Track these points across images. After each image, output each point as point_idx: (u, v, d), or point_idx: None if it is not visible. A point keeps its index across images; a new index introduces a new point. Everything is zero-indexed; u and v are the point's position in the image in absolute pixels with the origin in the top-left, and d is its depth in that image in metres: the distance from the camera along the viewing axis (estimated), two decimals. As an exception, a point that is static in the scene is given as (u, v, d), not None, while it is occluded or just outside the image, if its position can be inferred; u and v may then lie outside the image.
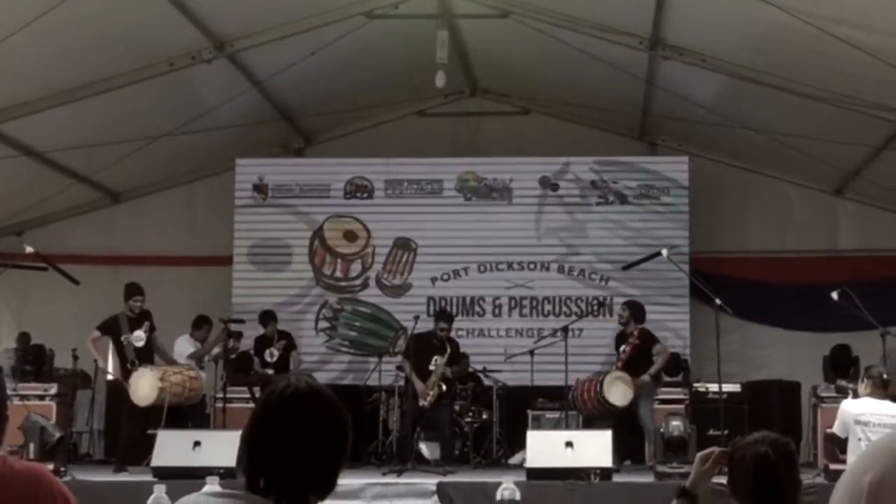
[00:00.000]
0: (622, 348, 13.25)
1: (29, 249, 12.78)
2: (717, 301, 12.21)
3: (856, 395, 10.59)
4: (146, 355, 12.77)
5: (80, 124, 13.51)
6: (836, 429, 9.88)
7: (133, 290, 12.92)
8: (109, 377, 13.67)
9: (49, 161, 14.49)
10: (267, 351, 14.23)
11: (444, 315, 13.99)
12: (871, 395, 9.90)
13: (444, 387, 13.27)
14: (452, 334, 13.80)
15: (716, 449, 4.04)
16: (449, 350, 13.43)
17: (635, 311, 13.44)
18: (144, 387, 12.28)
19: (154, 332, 12.98)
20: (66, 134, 13.62)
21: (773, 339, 15.78)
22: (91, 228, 16.57)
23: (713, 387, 13.00)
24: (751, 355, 15.52)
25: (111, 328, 12.83)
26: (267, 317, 14.48)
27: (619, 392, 12.61)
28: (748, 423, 12.78)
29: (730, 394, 13.23)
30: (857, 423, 9.67)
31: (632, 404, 12.72)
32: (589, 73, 14.07)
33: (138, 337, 12.70)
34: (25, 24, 10.50)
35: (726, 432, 12.16)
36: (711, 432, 12.52)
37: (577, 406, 13.08)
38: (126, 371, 12.62)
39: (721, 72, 12.82)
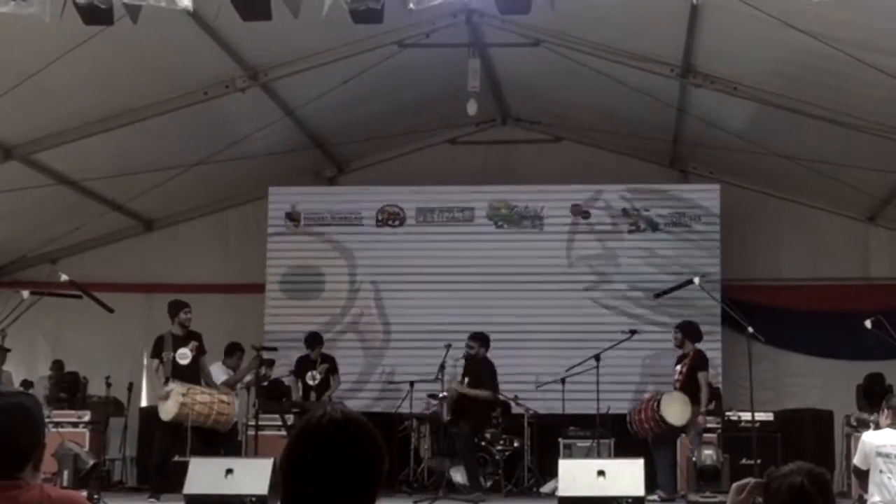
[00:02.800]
0: (677, 368, 13.08)
1: (64, 277, 12.85)
2: (750, 329, 12.15)
3: (878, 427, 10.37)
4: (188, 374, 12.58)
5: (115, 153, 13.63)
6: (857, 461, 9.69)
7: (179, 305, 12.84)
8: (142, 403, 13.69)
9: (83, 189, 14.63)
10: (309, 373, 14.20)
11: (472, 335, 13.92)
12: (892, 425, 9.61)
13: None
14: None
15: (751, 479, 4.03)
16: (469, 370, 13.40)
17: (687, 330, 13.26)
18: (169, 402, 12.25)
19: (203, 355, 12.82)
20: (101, 162, 13.75)
21: (806, 367, 15.69)
22: (125, 256, 16.68)
23: (746, 415, 12.92)
24: (783, 384, 15.45)
25: (158, 349, 12.72)
26: (314, 340, 14.44)
27: (675, 411, 12.47)
28: (781, 452, 12.72)
29: (762, 422, 13.14)
30: (879, 455, 9.43)
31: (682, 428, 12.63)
32: (620, 101, 14.10)
33: (182, 354, 12.55)
34: (62, 54, 10.62)
35: (759, 461, 12.07)
36: (744, 461, 12.44)
37: (633, 428, 12.94)
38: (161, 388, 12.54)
39: (752, 99, 12.82)
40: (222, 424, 12.66)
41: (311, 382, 14.15)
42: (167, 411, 12.23)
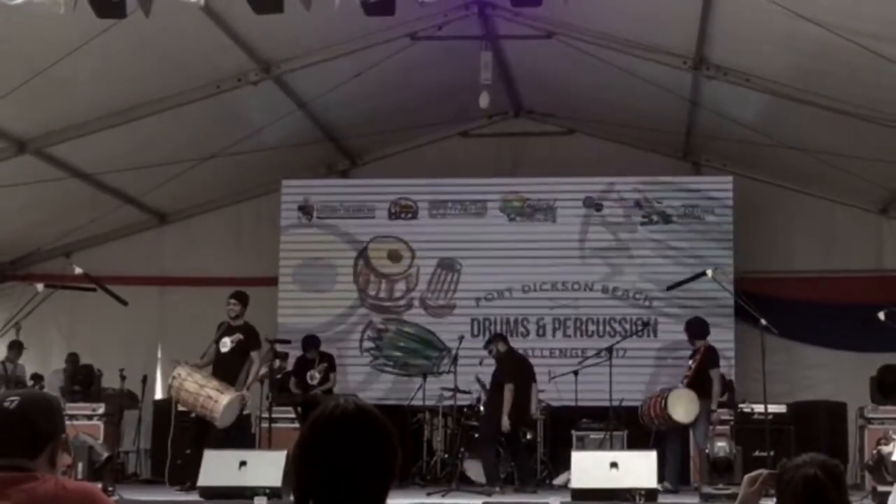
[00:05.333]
0: (690, 362, 13.03)
1: (78, 271, 12.90)
2: (763, 321, 12.14)
3: None
4: (226, 363, 12.64)
5: (129, 146, 13.66)
6: None
7: (231, 295, 12.96)
8: (157, 397, 13.71)
9: (97, 182, 14.67)
10: (309, 373, 14.23)
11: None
12: None
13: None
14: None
15: (764, 471, 4.03)
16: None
17: (691, 330, 13.24)
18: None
19: (255, 350, 12.78)
20: (115, 156, 13.78)
21: (819, 359, 15.67)
22: (139, 249, 16.72)
23: (759, 407, 12.91)
24: (796, 376, 15.42)
25: (216, 334, 12.86)
26: (309, 343, 14.46)
27: (682, 409, 12.47)
28: (794, 444, 12.72)
29: (775, 415, 13.15)
30: None
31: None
32: (633, 93, 14.08)
33: (224, 343, 12.67)
34: (75, 47, 10.65)
35: (772, 453, 12.10)
36: (757, 453, 12.46)
37: (644, 421, 12.96)
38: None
39: (765, 91, 12.80)
40: (206, 417, 12.30)
41: (311, 381, 14.18)
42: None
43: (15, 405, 3.31)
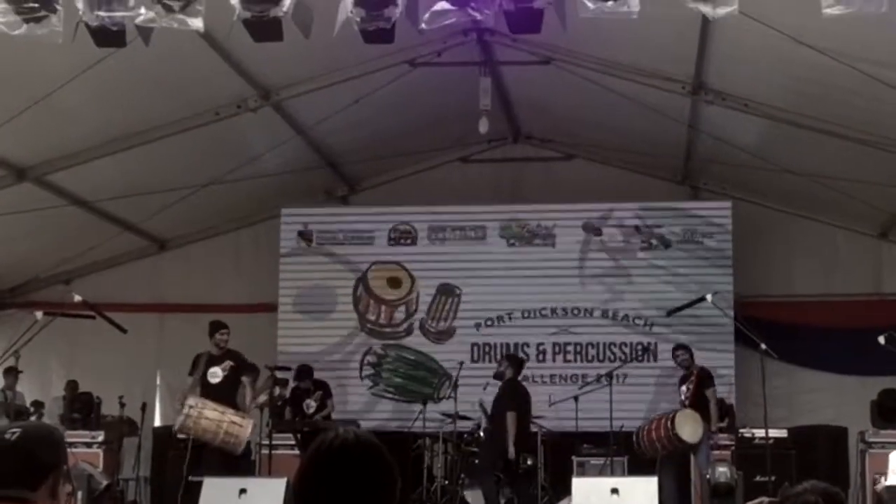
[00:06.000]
0: (682, 388, 13.07)
1: (77, 298, 12.89)
2: (763, 346, 12.14)
3: None
4: (218, 393, 12.51)
5: (128, 173, 13.69)
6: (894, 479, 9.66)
7: (216, 326, 12.85)
8: (156, 424, 13.67)
9: (96, 210, 14.67)
10: (305, 403, 14.20)
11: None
12: None
13: None
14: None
15: (765, 499, 4.02)
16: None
17: (688, 353, 13.28)
18: (180, 414, 12.24)
19: (244, 376, 12.74)
20: (114, 183, 13.81)
21: (820, 383, 15.65)
22: (138, 276, 16.73)
23: (759, 432, 12.89)
24: (797, 400, 15.40)
25: (193, 367, 12.73)
26: (302, 373, 14.45)
27: (690, 429, 12.44)
28: (795, 468, 12.68)
29: (776, 439, 13.11)
30: None
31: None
32: (631, 119, 14.11)
33: (213, 373, 12.55)
34: (74, 75, 10.66)
35: (773, 478, 12.06)
36: (758, 478, 12.42)
37: (641, 446, 12.86)
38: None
39: (763, 116, 12.81)
40: (231, 446, 12.31)
41: (308, 411, 14.14)
42: (175, 422, 12.24)
43: (16, 437, 3.33)
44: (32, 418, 15.02)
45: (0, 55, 10.03)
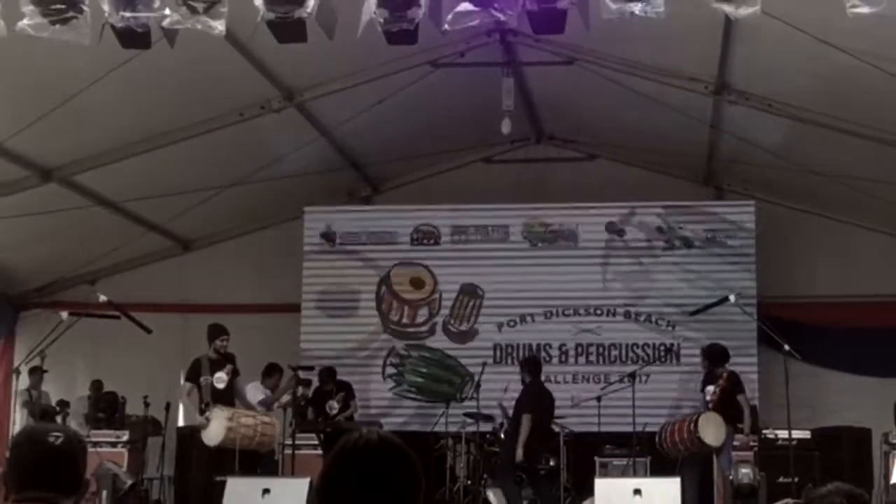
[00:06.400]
0: (709, 389, 12.95)
1: (102, 298, 12.97)
2: (786, 346, 12.10)
3: None
4: (225, 398, 12.54)
5: (153, 174, 13.75)
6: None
7: (218, 331, 12.80)
8: (180, 422, 13.71)
9: (121, 210, 14.75)
10: (328, 404, 14.23)
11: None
12: None
13: None
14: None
15: (789, 501, 4.01)
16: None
17: (711, 356, 13.16)
18: (214, 427, 12.15)
19: (237, 377, 12.78)
20: (139, 183, 13.87)
21: (843, 384, 15.58)
22: (162, 277, 16.80)
23: (782, 433, 12.86)
24: (820, 401, 15.32)
25: (194, 373, 12.67)
26: (326, 375, 14.50)
27: (713, 432, 12.41)
28: (819, 470, 12.64)
29: (799, 440, 13.08)
30: None
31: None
32: (654, 119, 14.09)
33: (219, 378, 12.51)
34: (100, 77, 10.73)
35: (796, 479, 12.02)
36: (781, 479, 12.39)
37: (664, 447, 12.83)
38: (200, 412, 12.45)
39: (787, 116, 12.78)
40: (265, 445, 12.62)
41: (330, 412, 14.17)
42: (213, 437, 12.11)
43: (60, 442, 3.35)
44: (58, 418, 15.15)
45: (27, 57, 10.10)
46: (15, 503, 3.25)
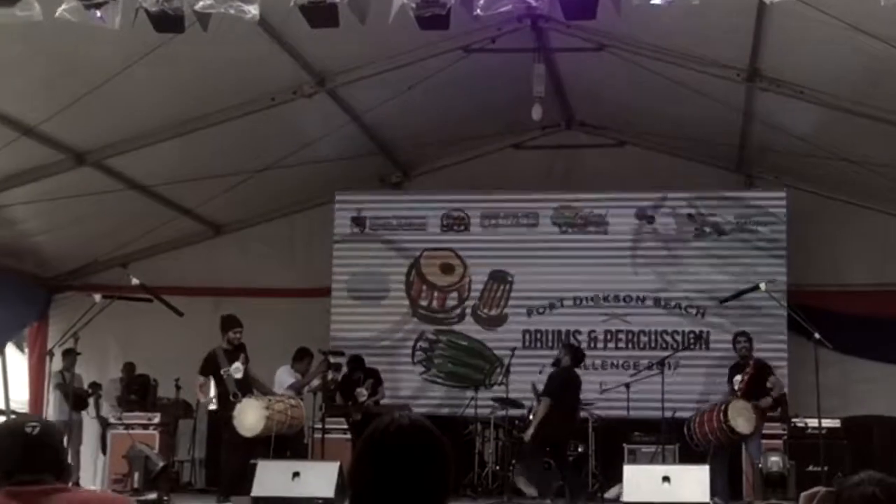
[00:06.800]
0: (737, 378, 12.92)
1: (135, 281, 13.04)
2: (817, 335, 12.07)
3: None
4: (245, 387, 12.59)
5: (185, 158, 13.82)
6: None
7: (232, 322, 12.84)
8: (212, 407, 13.78)
9: (154, 194, 14.84)
10: (356, 391, 14.27)
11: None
12: None
13: None
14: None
15: (821, 489, 4.01)
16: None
17: (749, 341, 13.13)
18: (251, 417, 12.11)
19: (248, 364, 12.78)
20: (171, 168, 13.94)
21: (874, 373, 15.51)
22: (194, 261, 16.88)
23: (812, 422, 12.84)
24: (850, 390, 15.25)
25: (211, 366, 12.68)
26: (354, 363, 14.54)
27: (743, 420, 12.40)
28: (849, 459, 12.61)
29: (829, 429, 13.05)
30: None
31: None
32: (685, 106, 14.05)
33: (237, 369, 12.53)
34: (133, 62, 10.80)
35: (826, 468, 12.00)
36: (811, 468, 12.37)
37: (693, 439, 12.79)
38: (229, 403, 12.41)
39: (819, 103, 12.71)
40: (294, 428, 12.70)
41: (359, 399, 14.20)
42: (251, 427, 12.04)
43: (38, 431, 3.47)
44: (90, 399, 15.29)
45: (61, 41, 10.18)
46: (11, 486, 3.34)
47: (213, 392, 13.02)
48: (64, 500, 3.30)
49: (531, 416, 13.70)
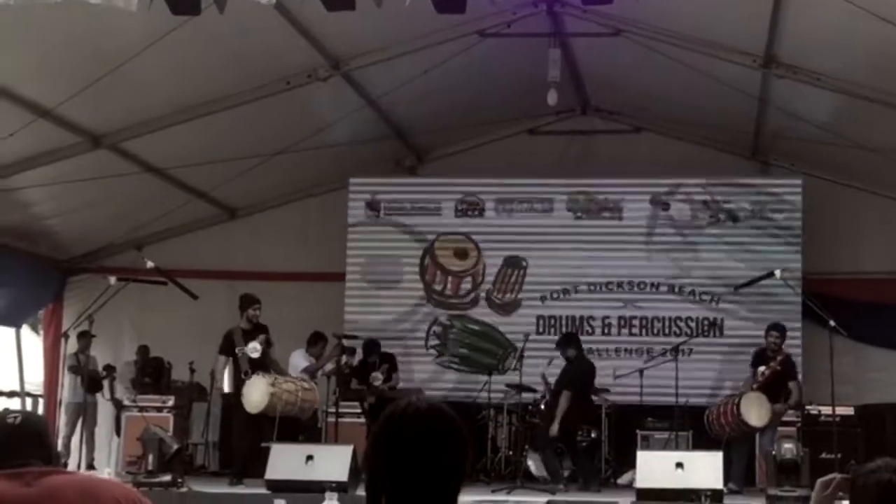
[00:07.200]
0: (761, 369, 12.93)
1: (150, 264, 13.08)
2: (831, 322, 12.05)
3: None
4: (261, 367, 12.61)
5: (199, 141, 13.83)
6: None
7: (250, 301, 12.88)
8: (225, 390, 13.83)
9: (169, 177, 14.85)
10: (372, 375, 14.29)
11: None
12: None
13: None
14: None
15: (837, 475, 3.99)
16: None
17: (782, 333, 13.08)
18: (255, 393, 12.27)
19: (271, 347, 12.84)
20: (186, 151, 13.96)
21: (888, 361, 15.47)
22: (209, 244, 16.89)
23: (826, 409, 12.83)
24: (864, 378, 15.24)
25: (229, 345, 12.77)
26: (370, 347, 14.57)
27: (756, 413, 12.41)
28: (862, 447, 12.60)
29: (843, 417, 13.02)
30: None
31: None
32: (701, 92, 14.01)
33: (253, 348, 12.58)
34: (149, 44, 10.80)
35: (839, 456, 11.99)
36: (824, 455, 12.36)
37: (713, 430, 12.86)
38: (241, 382, 12.54)
39: (835, 90, 12.67)
40: (306, 412, 12.78)
41: (375, 384, 14.23)
42: (255, 403, 12.22)
43: (20, 421, 3.50)
44: (105, 382, 15.35)
45: (77, 23, 10.19)
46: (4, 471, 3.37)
47: (227, 373, 13.06)
48: (64, 481, 3.33)
49: (542, 405, 13.69)
